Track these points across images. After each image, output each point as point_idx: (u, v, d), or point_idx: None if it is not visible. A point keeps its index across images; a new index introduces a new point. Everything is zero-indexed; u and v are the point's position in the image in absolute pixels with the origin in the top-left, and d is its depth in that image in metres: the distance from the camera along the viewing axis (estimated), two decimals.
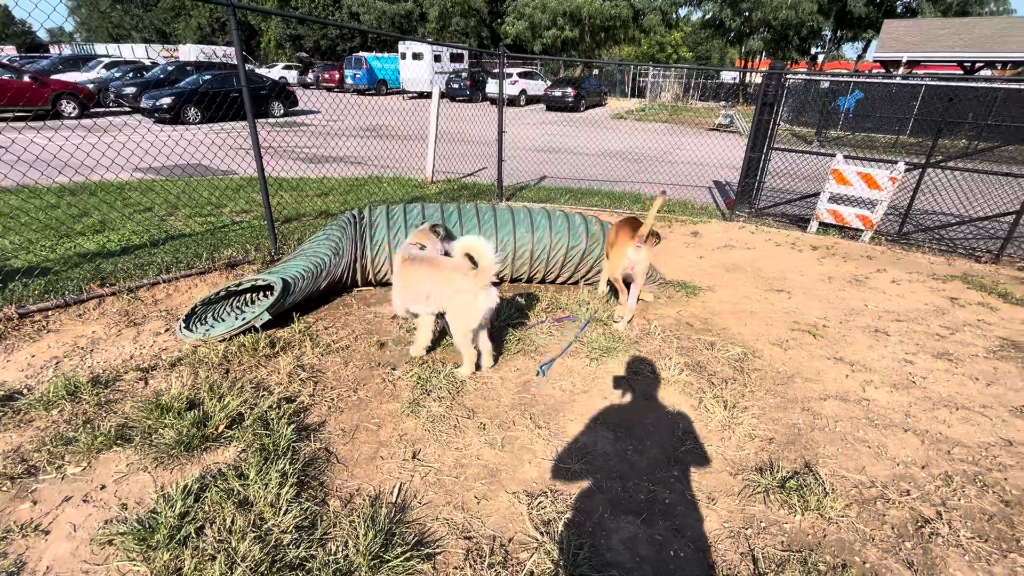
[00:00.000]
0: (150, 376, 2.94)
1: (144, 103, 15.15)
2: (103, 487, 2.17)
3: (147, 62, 24.20)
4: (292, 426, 2.53)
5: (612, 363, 3.38)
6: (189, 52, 31.71)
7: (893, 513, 2.28)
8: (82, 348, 3.23)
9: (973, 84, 7.81)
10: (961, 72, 21.09)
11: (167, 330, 3.51)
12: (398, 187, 8.13)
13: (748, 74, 29.26)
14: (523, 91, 26.49)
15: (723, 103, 22.71)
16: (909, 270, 5.53)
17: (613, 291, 4.03)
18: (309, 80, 33.21)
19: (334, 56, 43.89)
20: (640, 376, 3.26)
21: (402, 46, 28.87)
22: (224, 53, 31.71)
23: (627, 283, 3.88)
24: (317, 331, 3.60)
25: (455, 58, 30.42)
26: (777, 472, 2.45)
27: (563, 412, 2.86)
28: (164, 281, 4.14)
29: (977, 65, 20.38)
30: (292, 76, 34.28)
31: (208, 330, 3.41)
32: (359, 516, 2.04)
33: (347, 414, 2.73)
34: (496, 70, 26.95)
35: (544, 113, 23.49)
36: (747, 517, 2.21)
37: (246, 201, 6.70)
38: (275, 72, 34.17)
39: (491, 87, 25.43)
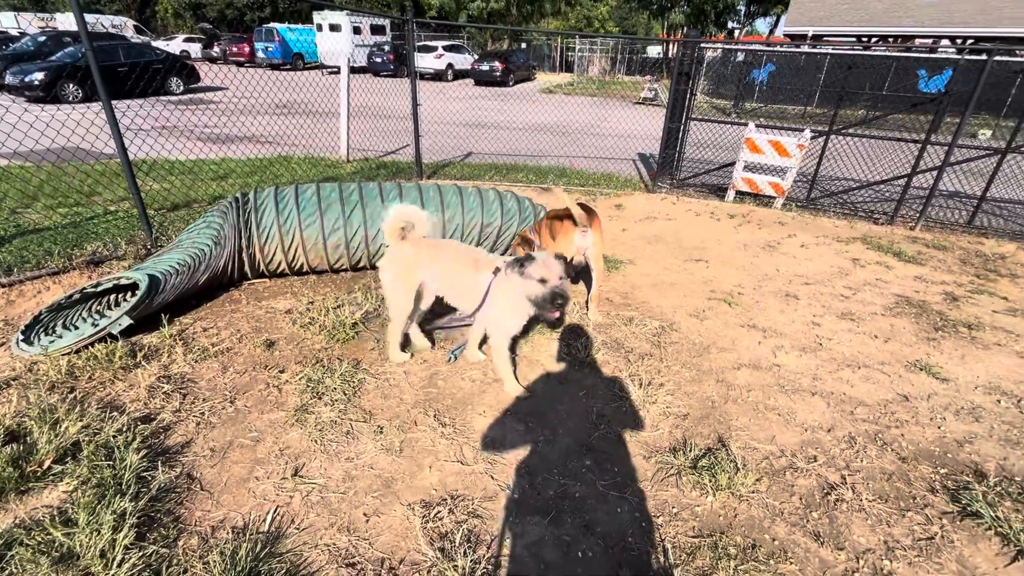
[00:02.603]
0: None
1: (9, 79, 13.15)
2: None
3: (15, 32, 21.05)
4: (144, 452, 2.13)
5: (527, 347, 3.19)
6: (68, 21, 27.94)
7: (801, 483, 2.26)
8: None
9: (869, 53, 8.34)
10: (860, 46, 22.54)
11: (2, 345, 2.93)
12: (309, 167, 7.50)
13: (671, 47, 29.94)
14: (450, 65, 25.58)
15: (648, 76, 23.02)
16: (816, 234, 5.75)
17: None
18: (215, 54, 30.31)
19: (242, 27, 40.34)
20: (556, 358, 3.10)
21: (317, 16, 26.90)
22: (113, 23, 28.25)
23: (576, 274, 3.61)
24: (194, 333, 3.14)
25: (376, 30, 28.80)
26: (690, 451, 2.36)
27: (471, 405, 2.63)
28: (3, 285, 3.48)
29: (873, 40, 21.84)
30: (195, 49, 31.15)
31: (52, 341, 2.87)
32: (217, 555, 1.73)
33: (219, 430, 2.36)
34: (420, 44, 25.78)
35: (473, 88, 22.82)
36: (659, 504, 2.10)
37: (125, 188, 5.88)
38: (175, 45, 30.88)
39: (418, 61, 24.37)
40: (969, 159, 6.12)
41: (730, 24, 35.76)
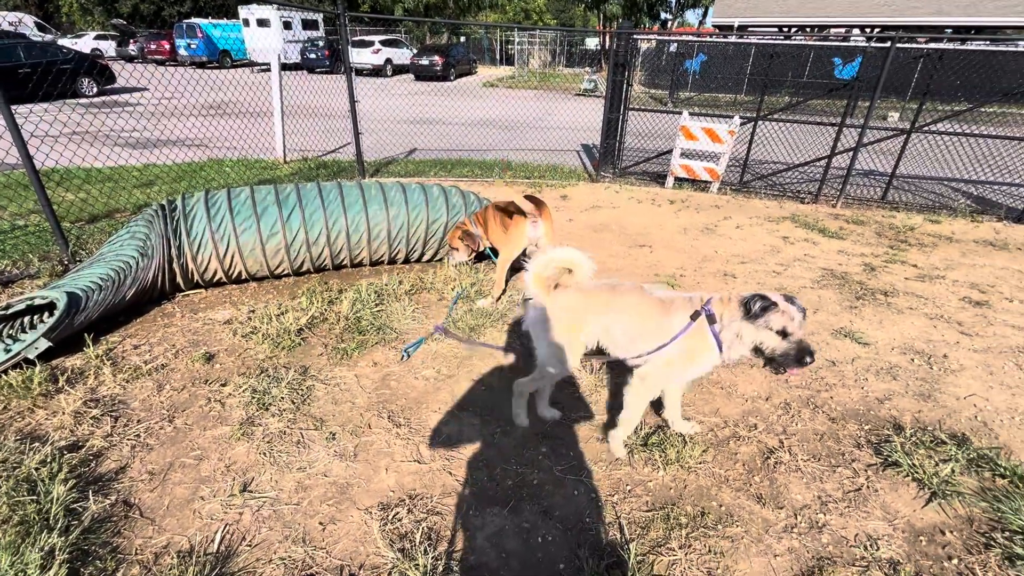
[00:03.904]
0: None
1: None
2: None
3: None
4: (73, 482, 1.99)
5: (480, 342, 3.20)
6: None
7: (744, 450, 2.40)
8: None
9: (790, 43, 8.94)
10: (782, 36, 23.81)
11: None
12: (244, 170, 7.15)
13: (607, 39, 30.55)
14: (388, 60, 24.99)
15: (587, 68, 23.44)
16: (750, 215, 6.07)
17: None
18: (132, 52, 28.26)
19: (160, 23, 37.72)
20: (509, 350, 3.12)
21: (243, 11, 25.55)
22: (8, 20, 25.70)
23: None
24: (124, 352, 2.95)
25: (309, 25, 27.68)
26: (641, 429, 2.46)
27: (426, 403, 2.62)
28: None
29: (793, 30, 23.13)
30: (108, 47, 28.90)
31: None
32: None
33: (158, 451, 2.23)
34: (356, 38, 25.04)
35: (413, 83, 22.43)
36: (614, 483, 2.17)
37: (35, 200, 5.39)
38: (84, 43, 28.51)
39: (353, 56, 23.66)
40: (879, 139, 6.63)
41: (663, 15, 36.85)
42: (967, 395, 2.86)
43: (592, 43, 36.50)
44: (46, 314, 3.12)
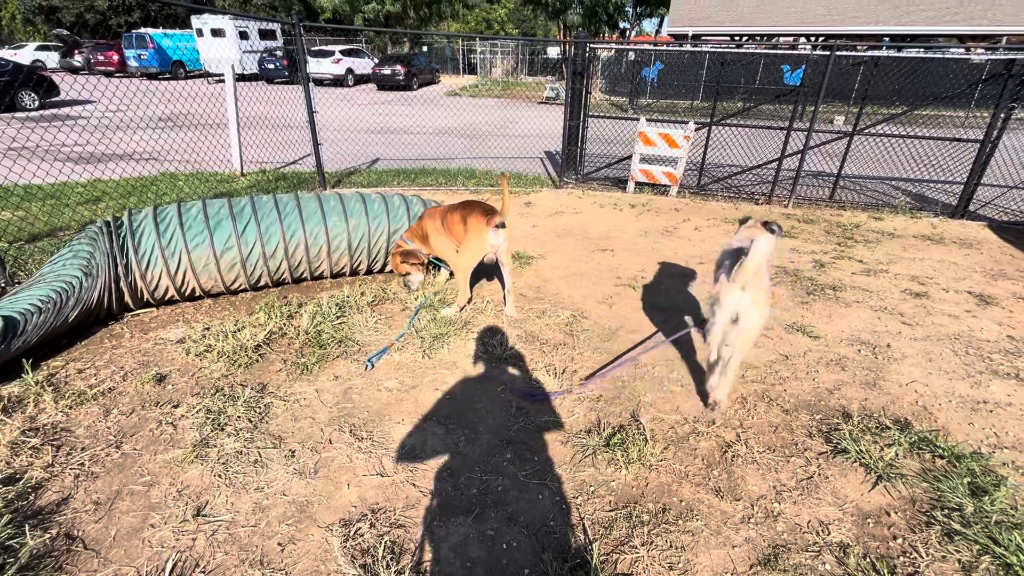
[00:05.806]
0: None
1: None
2: None
3: None
4: (9, 517, 1.87)
5: (444, 350, 3.19)
6: None
7: (703, 445, 2.46)
8: None
9: (741, 51, 9.39)
10: (734, 44, 24.74)
11: None
12: (199, 183, 6.92)
13: (568, 48, 31.10)
14: (350, 70, 24.72)
15: (549, 76, 23.80)
16: (707, 217, 6.26)
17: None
18: (78, 63, 27.09)
19: (108, 33, 36.27)
20: (474, 357, 3.12)
21: (196, 21, 24.86)
22: None
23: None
24: (67, 376, 2.80)
25: (267, 35, 27.14)
26: (603, 430, 2.49)
27: (389, 416, 2.59)
28: None
29: (744, 38, 24.09)
30: (51, 58, 27.64)
31: None
32: None
33: (104, 479, 2.13)
34: (316, 48, 24.72)
35: (375, 93, 22.25)
36: (577, 484, 2.20)
37: None
38: (25, 54, 27.17)
39: (314, 66, 23.34)
40: (825, 142, 6.97)
41: (622, 24, 37.81)
42: (909, 382, 3.01)
43: (554, 52, 37.06)
44: None
